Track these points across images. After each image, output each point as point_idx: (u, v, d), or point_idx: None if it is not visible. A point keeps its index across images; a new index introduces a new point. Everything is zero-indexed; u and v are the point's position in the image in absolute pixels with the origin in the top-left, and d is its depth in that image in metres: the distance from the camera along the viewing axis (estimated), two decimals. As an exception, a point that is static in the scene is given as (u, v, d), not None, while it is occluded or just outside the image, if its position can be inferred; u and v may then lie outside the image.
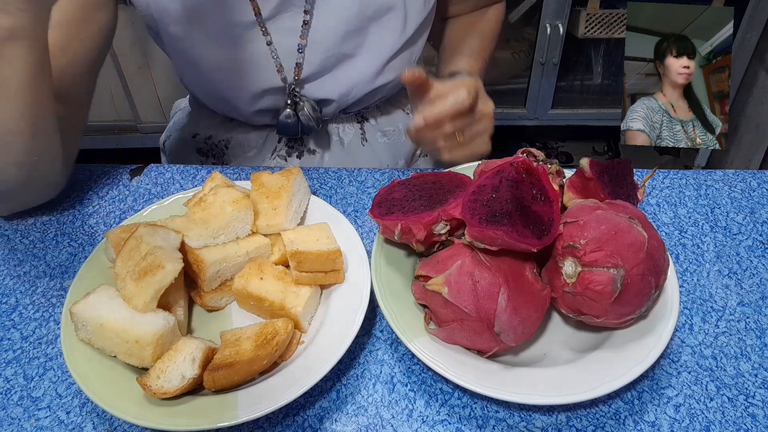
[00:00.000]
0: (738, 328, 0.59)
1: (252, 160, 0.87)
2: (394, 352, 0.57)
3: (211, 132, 0.88)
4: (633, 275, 0.48)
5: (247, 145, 0.87)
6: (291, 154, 0.86)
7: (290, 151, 0.86)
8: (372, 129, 0.87)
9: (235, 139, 0.87)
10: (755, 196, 0.73)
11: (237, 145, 0.87)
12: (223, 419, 0.47)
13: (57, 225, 0.71)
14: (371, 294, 0.56)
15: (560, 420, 0.52)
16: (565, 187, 0.58)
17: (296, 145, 0.86)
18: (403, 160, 0.91)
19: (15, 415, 0.53)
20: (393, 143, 0.89)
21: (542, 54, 1.74)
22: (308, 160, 0.86)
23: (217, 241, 0.58)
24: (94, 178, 0.77)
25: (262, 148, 0.86)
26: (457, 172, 0.62)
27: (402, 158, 0.90)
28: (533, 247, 0.48)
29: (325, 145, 0.86)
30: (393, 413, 0.53)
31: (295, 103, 0.79)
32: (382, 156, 0.88)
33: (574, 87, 1.90)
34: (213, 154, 0.89)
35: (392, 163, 0.90)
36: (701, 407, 0.53)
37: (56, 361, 0.57)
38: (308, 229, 0.59)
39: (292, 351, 0.54)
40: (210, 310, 0.59)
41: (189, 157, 0.91)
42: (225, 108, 0.83)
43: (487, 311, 0.48)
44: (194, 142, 0.90)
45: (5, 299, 0.63)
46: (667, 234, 0.68)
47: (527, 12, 1.77)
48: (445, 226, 0.54)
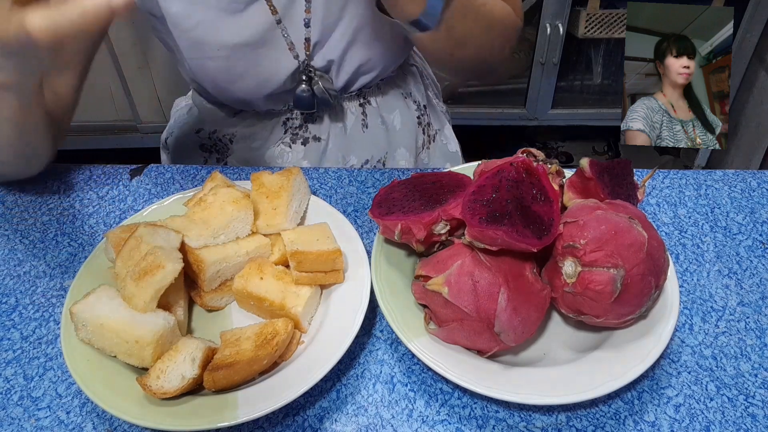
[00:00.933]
0: (738, 328, 0.59)
1: (256, 150, 0.87)
2: (394, 352, 0.57)
3: (216, 126, 0.88)
4: (633, 275, 0.48)
5: (252, 138, 0.86)
6: (295, 140, 0.86)
7: (294, 138, 0.86)
8: (373, 113, 0.87)
9: (240, 133, 0.87)
10: (755, 196, 0.73)
11: (242, 138, 0.87)
12: (223, 419, 0.47)
13: (57, 225, 0.71)
14: (371, 294, 0.56)
15: (560, 420, 0.52)
16: (565, 187, 0.58)
17: (300, 131, 0.86)
18: (403, 148, 0.90)
19: (15, 415, 0.53)
20: (392, 131, 0.89)
21: (542, 54, 1.74)
22: (312, 147, 0.86)
23: (217, 241, 0.58)
24: (94, 178, 0.77)
25: (267, 140, 0.86)
26: (457, 172, 0.62)
27: (402, 146, 0.90)
28: (533, 247, 0.48)
29: (328, 130, 0.86)
30: (393, 413, 0.53)
31: (309, 78, 0.78)
32: (382, 143, 0.88)
33: (574, 87, 1.90)
34: (216, 149, 0.89)
35: (392, 151, 0.89)
36: (701, 407, 0.53)
37: (56, 361, 0.57)
38: (308, 229, 0.59)
39: (292, 351, 0.54)
40: (210, 310, 0.59)
41: (191, 154, 0.91)
42: (232, 96, 0.82)
43: (487, 311, 0.48)
44: (198, 138, 0.90)
45: (5, 299, 0.63)
46: (667, 234, 0.68)
47: (527, 12, 1.77)
48: (445, 226, 0.54)
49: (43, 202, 0.74)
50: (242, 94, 0.80)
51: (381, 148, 0.89)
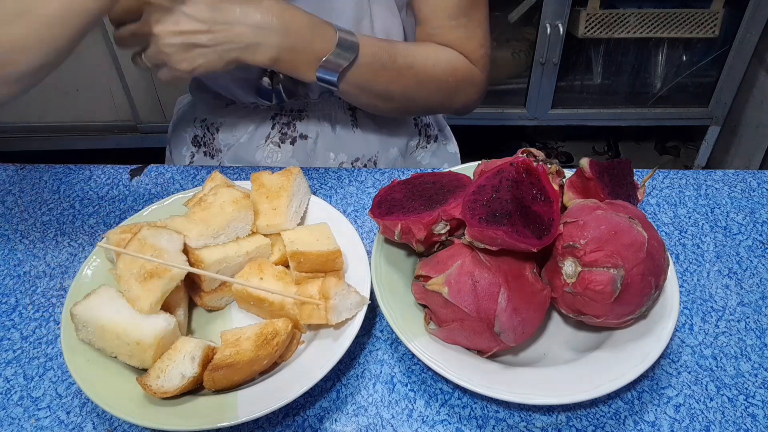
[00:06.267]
0: (738, 328, 0.59)
1: (244, 147, 0.86)
2: (394, 352, 0.57)
3: (206, 115, 0.89)
4: (633, 275, 0.48)
5: (237, 128, 0.86)
6: (284, 140, 0.86)
7: (283, 137, 0.85)
8: (363, 113, 0.87)
9: (227, 123, 0.87)
10: (755, 196, 0.73)
11: (229, 127, 0.86)
12: (223, 419, 0.47)
13: (57, 225, 0.71)
14: (371, 294, 0.56)
15: (560, 420, 0.52)
16: (565, 187, 0.58)
17: (288, 131, 0.85)
18: (395, 149, 0.90)
19: (15, 415, 0.53)
20: (383, 130, 0.89)
21: (542, 54, 1.74)
22: (300, 145, 0.86)
23: (217, 241, 0.58)
24: (94, 178, 0.78)
25: (254, 134, 0.86)
26: (457, 172, 0.62)
27: (395, 146, 0.90)
28: (533, 247, 0.48)
29: (316, 129, 0.85)
30: (393, 413, 0.53)
31: (273, 72, 0.77)
32: (373, 143, 0.88)
33: (574, 87, 1.90)
34: (204, 142, 0.89)
35: (383, 151, 0.89)
36: (701, 407, 0.53)
37: (56, 361, 0.57)
38: (308, 229, 0.59)
39: (292, 351, 0.54)
40: (210, 310, 0.59)
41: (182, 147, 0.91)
42: (216, 82, 0.83)
43: (487, 311, 0.48)
44: (193, 129, 0.90)
45: (5, 299, 0.63)
46: (667, 234, 0.68)
47: (527, 12, 1.77)
48: (445, 226, 0.54)
49: (43, 202, 0.74)
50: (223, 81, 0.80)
51: (372, 148, 0.88)
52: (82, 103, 1.85)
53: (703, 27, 1.69)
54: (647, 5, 1.68)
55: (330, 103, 0.85)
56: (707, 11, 1.66)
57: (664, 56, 1.81)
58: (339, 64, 0.68)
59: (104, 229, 0.70)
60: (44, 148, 1.96)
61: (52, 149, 1.96)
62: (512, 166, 0.53)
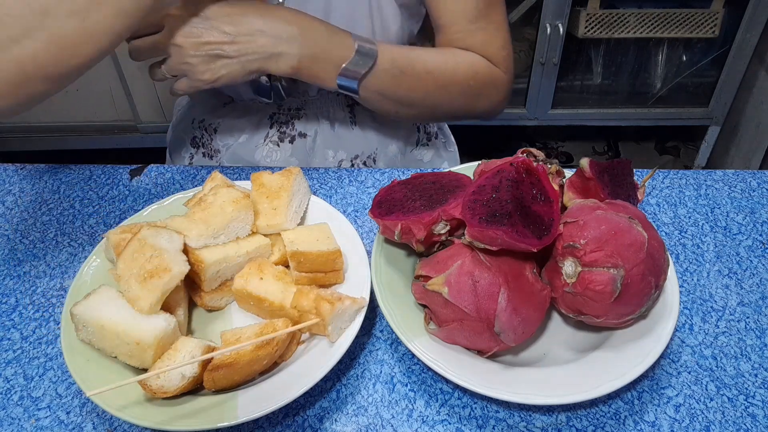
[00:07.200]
0: (738, 328, 0.59)
1: (243, 147, 0.86)
2: (394, 352, 0.57)
3: (204, 116, 0.89)
4: (633, 275, 0.48)
5: (236, 128, 0.86)
6: (283, 139, 0.85)
7: (282, 136, 0.85)
8: (362, 110, 0.86)
9: (226, 123, 0.86)
10: (755, 196, 0.73)
11: (227, 128, 0.86)
12: (223, 419, 0.47)
13: (57, 225, 0.71)
14: (371, 294, 0.56)
15: (560, 420, 0.52)
16: (565, 187, 0.58)
17: (287, 129, 0.85)
18: (395, 146, 0.90)
19: (15, 415, 0.53)
20: (382, 127, 0.88)
21: (542, 54, 1.74)
22: (299, 144, 0.86)
23: (217, 241, 0.58)
24: (94, 178, 0.78)
25: (253, 134, 0.86)
26: (457, 172, 0.62)
27: (393, 143, 0.89)
28: (533, 247, 0.48)
29: (314, 127, 0.85)
30: (393, 413, 0.53)
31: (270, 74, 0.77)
32: (372, 140, 0.88)
33: (574, 87, 1.90)
34: (203, 144, 0.89)
35: (382, 148, 0.89)
36: (701, 407, 0.53)
37: (56, 361, 0.57)
38: (308, 229, 0.59)
39: (292, 351, 0.54)
40: (210, 310, 0.59)
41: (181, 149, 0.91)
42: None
43: (487, 311, 0.48)
44: (191, 131, 0.90)
45: (5, 299, 0.63)
46: (667, 234, 0.68)
47: (527, 12, 1.77)
48: (445, 226, 0.54)
49: (43, 202, 0.74)
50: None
51: (371, 145, 0.88)
52: (82, 103, 1.85)
53: (703, 27, 1.69)
54: (647, 5, 1.68)
55: (328, 100, 0.85)
56: (707, 11, 1.66)
57: (664, 56, 1.81)
58: (358, 71, 0.69)
59: (104, 229, 0.70)
60: (44, 148, 1.96)
61: (52, 149, 1.96)
62: (512, 166, 0.53)
